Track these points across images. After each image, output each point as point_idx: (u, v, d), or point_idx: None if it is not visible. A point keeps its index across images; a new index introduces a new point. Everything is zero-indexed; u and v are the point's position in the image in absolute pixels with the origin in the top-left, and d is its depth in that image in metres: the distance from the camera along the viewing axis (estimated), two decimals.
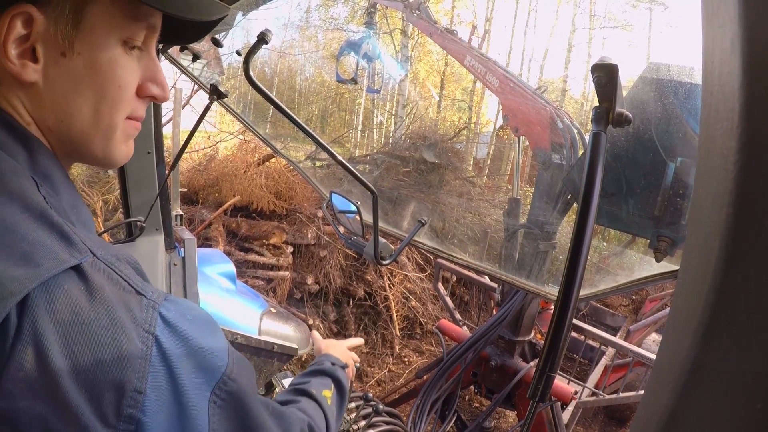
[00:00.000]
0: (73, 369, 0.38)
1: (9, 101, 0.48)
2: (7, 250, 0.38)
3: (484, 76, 2.83)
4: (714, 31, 0.26)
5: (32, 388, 0.37)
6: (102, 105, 0.51)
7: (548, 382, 0.45)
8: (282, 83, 13.19)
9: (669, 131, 1.43)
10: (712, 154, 0.26)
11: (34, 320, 0.37)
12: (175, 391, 0.44)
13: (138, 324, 0.42)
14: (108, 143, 0.54)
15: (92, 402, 0.39)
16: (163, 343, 0.44)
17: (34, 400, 0.37)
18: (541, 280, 2.21)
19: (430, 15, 3.29)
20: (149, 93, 0.55)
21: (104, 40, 0.49)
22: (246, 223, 4.31)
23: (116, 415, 0.40)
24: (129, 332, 0.42)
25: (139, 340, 0.42)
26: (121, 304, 0.42)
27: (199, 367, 0.46)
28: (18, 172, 0.44)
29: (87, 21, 0.47)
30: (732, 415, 0.23)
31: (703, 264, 0.25)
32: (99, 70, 0.49)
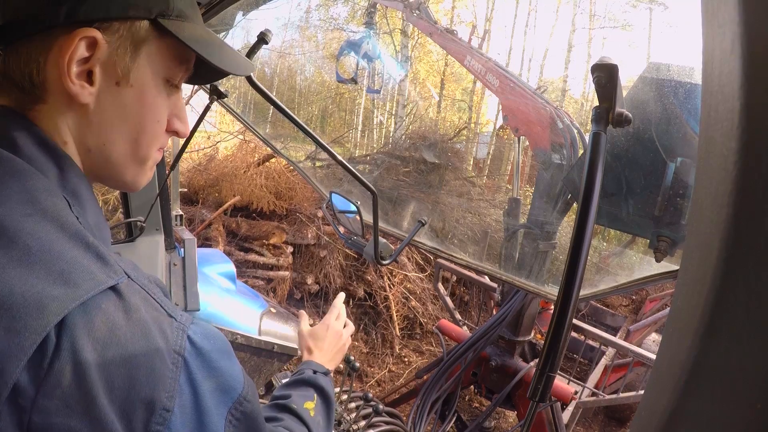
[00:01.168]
0: (109, 386, 0.39)
1: (51, 118, 0.49)
2: (46, 268, 0.39)
3: (484, 76, 2.83)
4: (714, 31, 0.26)
5: (68, 404, 0.38)
6: (142, 136, 0.54)
7: (548, 382, 0.45)
8: (282, 83, 13.19)
9: (669, 131, 1.43)
10: (712, 154, 0.26)
11: (73, 339, 0.38)
12: (198, 410, 0.46)
13: (169, 345, 0.44)
14: (139, 171, 0.57)
15: (123, 418, 0.40)
16: (190, 365, 0.46)
17: (69, 417, 0.38)
18: (541, 280, 2.21)
19: (430, 15, 3.29)
20: (174, 128, 0.59)
21: (153, 77, 0.53)
22: (246, 223, 4.31)
23: (144, 431, 0.42)
24: (162, 353, 0.43)
25: (170, 361, 0.44)
26: (155, 325, 0.44)
27: (219, 387, 0.48)
28: (51, 191, 0.45)
29: (143, 56, 0.51)
30: (732, 415, 0.23)
31: (703, 264, 0.25)
32: (145, 104, 0.53)
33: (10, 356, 0.36)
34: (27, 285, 0.38)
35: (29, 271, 0.39)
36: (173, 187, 2.12)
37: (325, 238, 4.29)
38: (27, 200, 0.42)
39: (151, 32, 0.51)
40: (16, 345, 0.36)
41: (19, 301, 0.37)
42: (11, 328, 0.36)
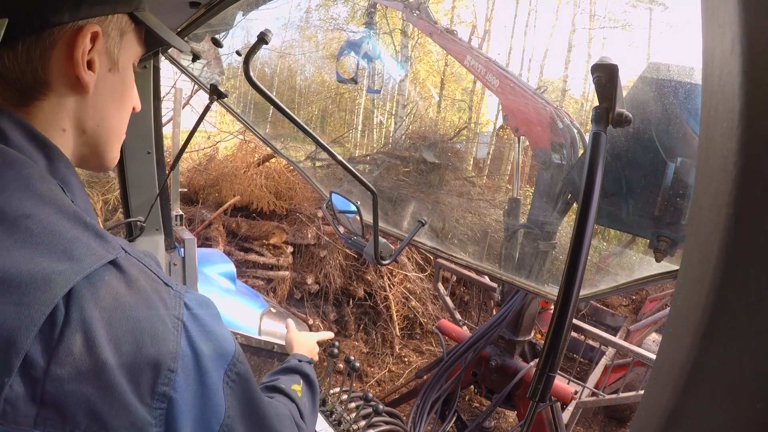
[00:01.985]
0: (117, 351, 0.42)
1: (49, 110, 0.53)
2: (49, 247, 0.42)
3: (484, 76, 2.83)
4: (714, 31, 0.26)
5: (80, 371, 0.40)
6: (125, 115, 0.61)
7: (548, 382, 0.45)
8: (282, 83, 13.19)
9: (669, 131, 1.43)
10: (712, 154, 0.26)
11: (82, 309, 0.41)
12: (199, 371, 0.49)
13: (169, 311, 0.48)
14: (117, 148, 0.63)
15: (132, 381, 0.43)
16: (189, 328, 0.49)
17: (81, 383, 0.40)
18: (541, 280, 2.21)
19: (430, 15, 3.29)
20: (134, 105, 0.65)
21: (130, 62, 0.60)
22: (246, 223, 4.31)
23: (151, 393, 0.44)
24: (163, 317, 0.47)
25: (171, 325, 0.47)
26: (155, 293, 0.47)
27: (216, 349, 0.51)
28: (45, 178, 0.48)
29: (125, 44, 0.58)
30: (732, 415, 0.23)
31: (703, 264, 0.25)
32: (127, 87, 0.60)
33: (21, 328, 0.38)
34: (33, 263, 0.40)
35: (34, 251, 0.41)
36: (173, 187, 2.12)
37: (325, 238, 4.29)
38: (24, 187, 0.45)
39: (130, 23, 0.58)
40: (26, 317, 0.38)
41: (27, 277, 0.39)
42: (21, 302, 0.38)
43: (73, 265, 0.42)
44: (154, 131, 1.66)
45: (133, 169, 1.67)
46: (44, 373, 0.39)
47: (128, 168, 1.66)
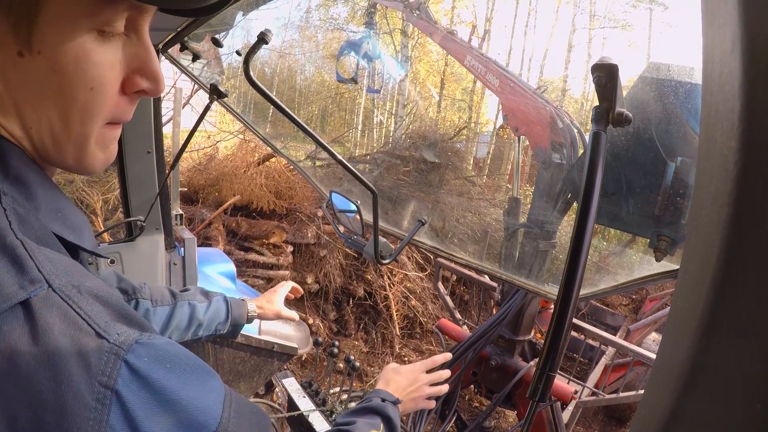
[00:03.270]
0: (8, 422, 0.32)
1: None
2: None
3: (484, 76, 2.83)
4: (714, 31, 0.26)
5: None
6: (71, 111, 0.43)
7: (548, 381, 0.45)
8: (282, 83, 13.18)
9: (669, 131, 1.43)
10: (712, 154, 0.26)
11: None
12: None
13: (92, 376, 0.34)
14: (81, 152, 0.46)
15: None
16: (127, 400, 0.35)
17: None
18: (541, 280, 2.21)
19: (430, 15, 3.29)
20: (138, 88, 0.46)
21: (69, 34, 0.40)
22: (246, 222, 4.31)
23: None
24: (76, 387, 0.33)
25: (91, 397, 0.34)
26: (71, 350, 0.34)
27: (181, 424, 0.37)
28: None
29: (45, 13, 0.38)
30: (732, 415, 0.23)
31: (703, 264, 0.25)
32: (63, 71, 0.41)
33: None
34: None
35: None
36: (173, 186, 2.12)
37: (325, 237, 4.29)
38: None
39: None
40: None
41: None
42: None
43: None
44: (154, 131, 1.66)
45: (133, 169, 1.67)
46: None
47: (128, 167, 1.66)
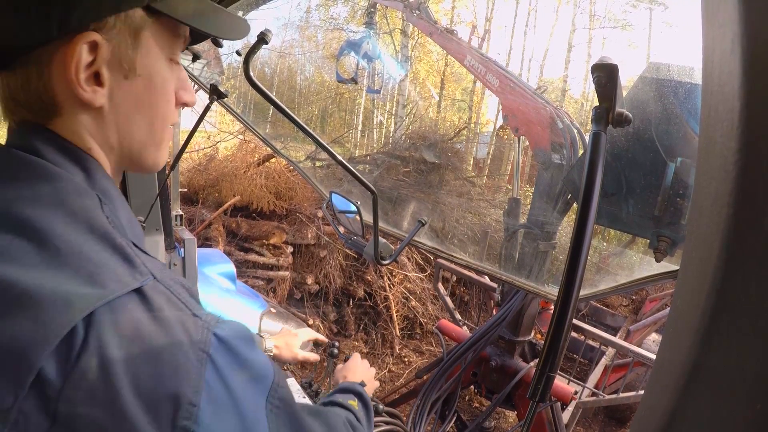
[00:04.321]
0: (134, 381, 0.41)
1: (70, 128, 0.50)
2: (75, 269, 0.42)
3: (484, 76, 2.83)
4: (714, 31, 0.26)
5: (94, 395, 0.39)
6: (156, 120, 0.56)
7: (548, 382, 0.45)
8: (282, 83, 13.19)
9: (669, 131, 1.43)
10: (712, 154, 0.26)
11: (100, 335, 0.40)
12: (232, 402, 0.46)
13: (194, 343, 0.45)
14: (158, 153, 0.59)
15: (149, 412, 0.41)
16: (216, 361, 0.46)
17: (93, 407, 0.39)
18: (541, 280, 2.21)
19: (430, 15, 3.29)
20: (182, 100, 0.59)
21: (157, 60, 0.53)
22: (246, 223, 4.31)
23: (171, 426, 0.42)
24: (186, 350, 0.44)
25: (195, 358, 0.44)
26: (179, 324, 0.45)
27: (252, 378, 0.49)
28: (81, 192, 0.48)
29: (143, 44, 0.51)
30: (732, 415, 0.23)
31: (703, 264, 0.25)
32: (155, 89, 0.54)
33: (34, 345, 0.38)
34: (56, 283, 0.40)
35: (58, 271, 0.41)
36: (173, 187, 2.12)
37: (325, 238, 4.29)
38: (58, 202, 0.45)
39: (146, 18, 0.50)
40: (41, 335, 0.38)
41: (49, 296, 0.39)
42: (38, 319, 0.38)
43: (96, 291, 0.41)
44: None
45: None
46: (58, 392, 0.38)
47: None
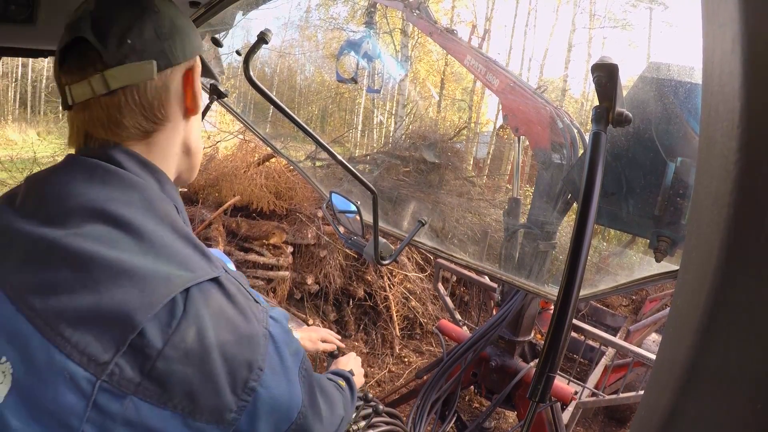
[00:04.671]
0: (221, 348, 0.51)
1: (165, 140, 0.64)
2: (168, 257, 0.52)
3: (484, 75, 2.83)
4: (714, 31, 0.26)
5: (189, 356, 0.49)
6: (198, 145, 0.72)
7: (548, 382, 0.45)
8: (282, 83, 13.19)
9: (669, 131, 1.43)
10: (712, 154, 0.26)
11: (197, 308, 0.50)
12: (284, 369, 0.58)
13: (260, 322, 0.57)
14: (197, 169, 0.74)
15: (230, 374, 0.51)
16: (275, 336, 0.58)
17: (186, 366, 0.48)
18: (541, 280, 2.21)
19: (430, 14, 3.28)
20: None
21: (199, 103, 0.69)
22: (246, 223, 4.30)
23: (243, 386, 0.53)
24: (255, 327, 0.55)
25: (261, 334, 0.56)
26: (248, 308, 0.56)
27: (293, 352, 0.61)
28: (163, 200, 0.59)
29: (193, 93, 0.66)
30: (732, 415, 0.23)
31: (703, 264, 0.25)
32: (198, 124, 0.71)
33: (140, 309, 0.47)
34: (155, 265, 0.50)
35: (156, 258, 0.51)
36: None
37: (325, 238, 4.29)
38: (148, 207, 0.55)
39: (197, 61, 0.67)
40: (146, 302, 0.48)
41: (151, 273, 0.49)
42: (144, 290, 0.48)
43: (189, 274, 0.51)
44: None
45: None
46: (158, 352, 0.47)
47: None
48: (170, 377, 0.48)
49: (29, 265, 0.49)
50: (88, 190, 0.54)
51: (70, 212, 0.52)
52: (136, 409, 0.47)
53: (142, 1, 0.60)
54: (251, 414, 0.54)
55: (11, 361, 0.46)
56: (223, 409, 0.51)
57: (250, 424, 0.55)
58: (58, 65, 0.61)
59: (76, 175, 0.56)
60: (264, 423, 0.56)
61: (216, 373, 0.50)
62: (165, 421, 0.48)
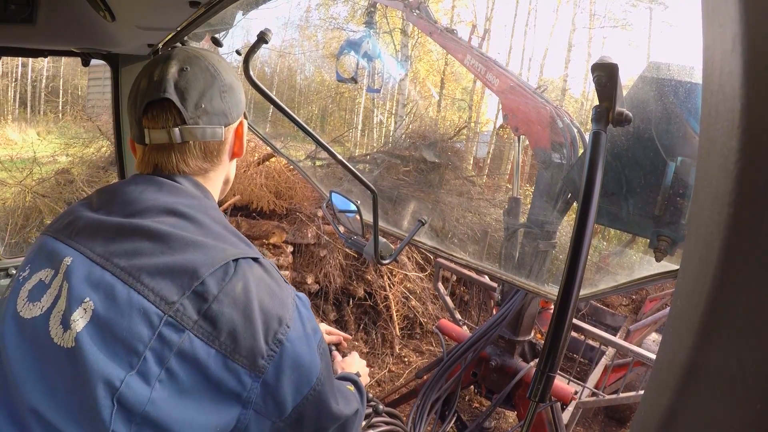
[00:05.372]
0: (260, 301, 0.65)
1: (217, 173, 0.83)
2: (224, 241, 0.68)
3: (484, 75, 2.83)
4: (714, 31, 0.26)
5: (236, 302, 0.63)
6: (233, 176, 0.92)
7: (548, 382, 0.45)
8: (282, 82, 13.19)
9: (669, 131, 1.43)
10: (712, 153, 0.26)
11: (244, 271, 0.65)
12: (305, 334, 0.70)
13: (289, 292, 0.71)
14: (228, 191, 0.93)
15: (264, 322, 0.64)
16: (299, 307, 0.71)
17: (233, 309, 0.62)
18: (541, 280, 2.21)
19: (430, 14, 3.30)
20: None
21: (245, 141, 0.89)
22: (246, 222, 4.31)
23: (273, 337, 0.65)
24: (287, 294, 0.70)
25: (290, 299, 0.70)
26: (281, 280, 0.72)
27: (312, 328, 0.72)
28: (216, 208, 0.77)
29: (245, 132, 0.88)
30: (732, 415, 0.23)
31: (703, 264, 0.25)
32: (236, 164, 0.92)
33: (204, 266, 0.63)
34: (215, 242, 0.67)
35: (215, 239, 0.68)
36: None
37: (325, 237, 4.29)
38: (204, 211, 0.72)
39: None
40: (209, 261, 0.64)
41: (212, 245, 0.66)
42: (207, 254, 0.64)
43: (238, 250, 0.67)
44: None
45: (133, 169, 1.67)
46: (214, 297, 0.62)
47: (128, 168, 1.66)
48: (220, 317, 0.61)
49: (115, 241, 0.65)
50: (159, 196, 0.71)
51: (147, 209, 0.69)
52: (191, 342, 0.59)
53: (209, 68, 0.76)
54: (277, 366, 0.64)
55: (93, 301, 0.60)
56: (257, 354, 0.63)
57: (276, 377, 0.65)
58: (142, 112, 0.75)
59: (147, 186, 0.73)
60: (287, 379, 0.66)
61: (254, 318, 0.63)
62: (210, 358, 0.60)
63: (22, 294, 0.66)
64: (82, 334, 0.58)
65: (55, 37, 1.32)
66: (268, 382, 0.64)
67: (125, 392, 0.56)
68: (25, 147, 7.96)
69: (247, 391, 0.63)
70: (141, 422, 0.57)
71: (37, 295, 0.64)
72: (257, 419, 0.65)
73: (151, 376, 0.58)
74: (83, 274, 0.63)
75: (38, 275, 0.67)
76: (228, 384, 0.61)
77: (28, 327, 0.62)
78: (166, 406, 0.58)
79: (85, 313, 0.60)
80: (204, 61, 0.77)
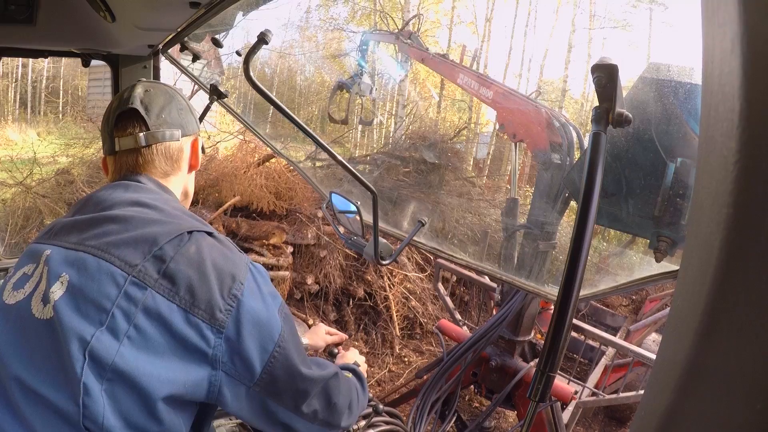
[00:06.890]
0: (212, 259, 0.74)
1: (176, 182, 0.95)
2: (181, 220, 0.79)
3: (477, 90, 2.88)
4: (714, 31, 0.26)
5: (190, 261, 0.72)
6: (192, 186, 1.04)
7: (548, 382, 0.45)
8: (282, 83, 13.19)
9: (669, 131, 1.43)
10: (712, 154, 0.26)
11: (197, 239, 0.75)
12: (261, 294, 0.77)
13: (242, 257, 0.79)
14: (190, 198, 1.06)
15: (218, 279, 0.72)
16: (253, 271, 0.78)
17: (188, 267, 0.71)
18: (541, 280, 2.21)
19: (421, 42, 3.65)
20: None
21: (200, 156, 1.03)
22: (246, 223, 4.30)
23: (229, 292, 0.72)
24: (239, 258, 0.78)
25: (243, 262, 0.78)
26: (234, 248, 0.81)
27: (270, 292, 0.80)
28: (176, 201, 0.90)
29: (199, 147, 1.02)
30: (732, 415, 0.23)
31: (703, 264, 0.25)
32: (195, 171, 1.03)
33: (162, 235, 0.73)
34: (173, 220, 0.78)
35: (173, 218, 0.79)
36: None
37: (325, 238, 4.29)
38: (165, 202, 0.84)
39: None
40: (165, 232, 0.74)
41: (170, 221, 0.77)
42: (164, 227, 0.75)
43: (193, 224, 0.78)
44: None
45: None
46: (171, 258, 0.71)
47: None
48: (178, 274, 0.69)
49: (88, 230, 0.75)
50: (126, 194, 0.82)
51: (115, 204, 0.80)
52: (153, 298, 0.67)
53: (168, 91, 0.94)
54: (236, 320, 0.71)
55: (69, 275, 0.69)
56: (214, 307, 0.70)
57: (236, 332, 0.71)
58: (113, 125, 0.88)
59: (117, 188, 0.84)
60: (248, 335, 0.72)
61: (208, 273, 0.71)
62: (173, 313, 0.67)
63: (8, 287, 0.74)
64: (59, 303, 0.67)
65: (55, 37, 1.32)
66: (230, 337, 0.70)
67: (95, 345, 0.63)
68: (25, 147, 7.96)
69: (213, 349, 0.69)
70: (112, 377, 0.63)
71: (21, 284, 0.73)
72: (230, 383, 0.72)
73: (119, 332, 0.65)
74: (61, 258, 0.72)
75: (22, 270, 0.75)
76: (192, 339, 0.68)
77: (12, 310, 0.70)
78: (134, 360, 0.64)
79: (62, 286, 0.68)
80: (164, 86, 0.95)
